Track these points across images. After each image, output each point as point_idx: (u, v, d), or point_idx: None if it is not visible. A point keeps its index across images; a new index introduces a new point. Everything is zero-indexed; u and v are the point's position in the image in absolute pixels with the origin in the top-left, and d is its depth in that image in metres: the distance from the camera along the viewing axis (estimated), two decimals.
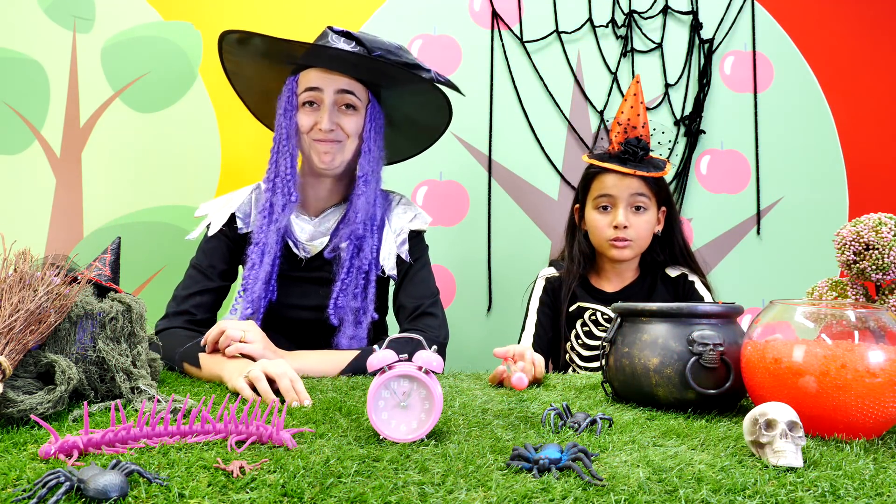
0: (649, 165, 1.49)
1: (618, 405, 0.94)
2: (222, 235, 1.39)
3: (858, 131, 2.17)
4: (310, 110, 1.34)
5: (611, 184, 1.49)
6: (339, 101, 1.33)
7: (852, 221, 1.00)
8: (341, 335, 1.31)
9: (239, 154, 1.90)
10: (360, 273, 1.34)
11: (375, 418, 0.70)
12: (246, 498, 0.52)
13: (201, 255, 1.38)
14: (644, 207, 1.49)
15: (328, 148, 1.33)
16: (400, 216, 1.42)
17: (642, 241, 1.51)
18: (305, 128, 1.34)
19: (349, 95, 1.33)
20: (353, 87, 1.34)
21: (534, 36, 2.05)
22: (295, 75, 1.35)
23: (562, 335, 1.53)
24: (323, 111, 1.32)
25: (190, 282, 1.35)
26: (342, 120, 1.34)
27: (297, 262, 1.38)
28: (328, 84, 1.32)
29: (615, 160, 1.49)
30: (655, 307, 0.92)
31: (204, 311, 1.34)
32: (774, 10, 2.16)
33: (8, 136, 1.80)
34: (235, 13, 1.92)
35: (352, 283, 1.33)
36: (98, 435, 0.64)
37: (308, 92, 1.33)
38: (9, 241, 0.88)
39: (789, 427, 0.65)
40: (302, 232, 1.38)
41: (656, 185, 1.50)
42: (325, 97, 1.32)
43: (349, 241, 1.35)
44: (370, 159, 1.36)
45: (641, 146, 1.48)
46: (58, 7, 1.83)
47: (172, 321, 1.29)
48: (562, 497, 0.54)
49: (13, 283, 0.80)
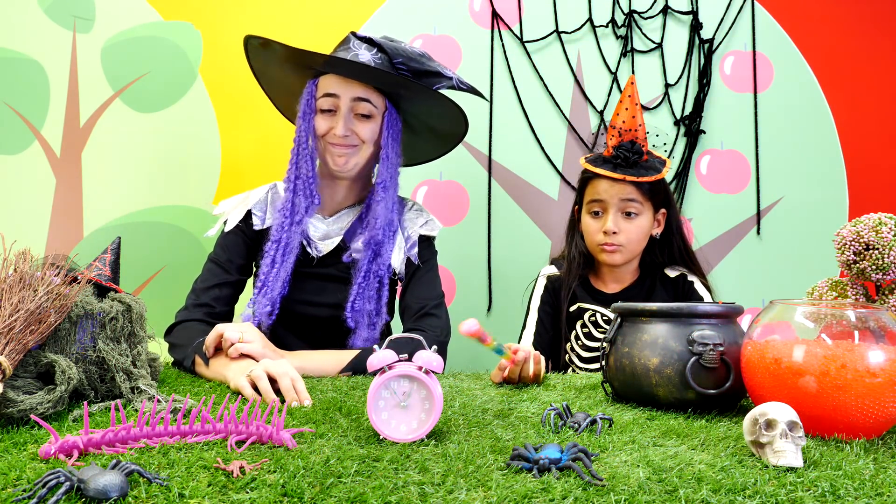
0: (642, 170, 1.46)
1: (618, 405, 0.94)
2: (239, 231, 1.41)
3: (858, 131, 2.17)
4: (327, 115, 1.37)
5: (602, 189, 1.48)
6: (355, 108, 1.36)
7: (852, 221, 1.00)
8: (356, 337, 1.33)
9: (239, 154, 1.90)
10: (375, 277, 1.37)
11: (375, 418, 0.70)
12: (246, 498, 0.52)
13: (219, 249, 1.40)
14: (635, 213, 1.47)
15: (342, 151, 1.37)
16: (412, 221, 1.46)
17: (633, 247, 1.50)
18: (322, 132, 1.37)
19: (365, 104, 1.36)
20: (369, 95, 1.37)
21: (534, 36, 2.05)
22: (315, 79, 1.38)
23: (562, 335, 1.53)
24: (339, 117, 1.35)
25: (209, 275, 1.37)
26: (357, 127, 1.37)
27: (308, 259, 1.40)
28: (345, 91, 1.35)
29: (608, 165, 1.48)
30: (655, 307, 0.92)
31: (223, 303, 1.36)
32: (774, 10, 2.16)
33: (8, 136, 1.80)
34: (235, 13, 1.92)
35: (368, 286, 1.36)
36: (98, 435, 0.64)
37: (325, 98, 1.36)
38: (9, 241, 0.88)
39: (789, 427, 0.65)
40: (315, 231, 1.41)
41: (650, 190, 1.48)
42: (342, 104, 1.36)
43: (367, 247, 1.38)
44: (388, 165, 1.39)
45: (635, 150, 1.46)
46: (58, 7, 1.83)
47: (192, 313, 1.32)
48: (562, 497, 0.54)
49: (13, 283, 0.80)
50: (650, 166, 1.48)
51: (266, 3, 1.93)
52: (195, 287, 1.36)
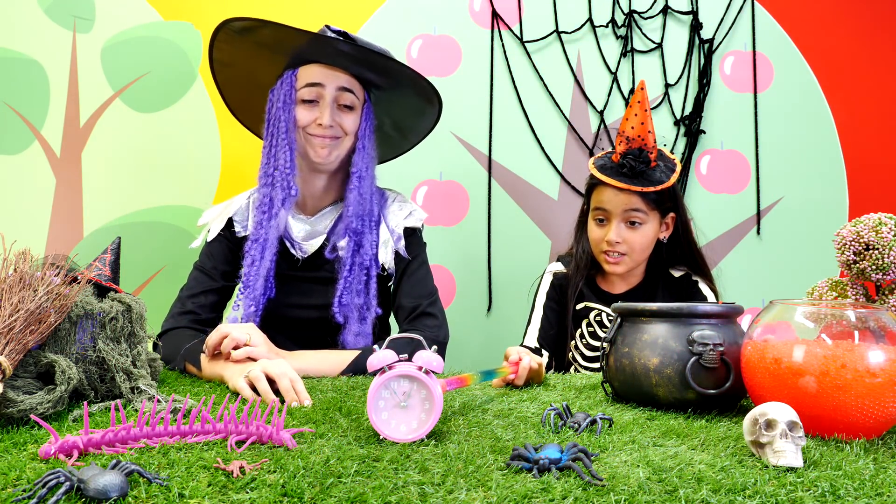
0: (647, 181, 1.43)
1: (618, 405, 0.94)
2: (223, 238, 1.40)
3: (858, 131, 2.17)
4: (309, 106, 1.35)
5: (607, 198, 1.46)
6: (339, 98, 1.35)
7: (852, 221, 1.00)
8: (347, 332, 1.32)
9: (239, 154, 1.90)
10: (361, 269, 1.35)
11: (375, 418, 0.70)
12: (246, 498, 0.52)
13: (204, 257, 1.40)
14: (640, 222, 1.46)
15: (325, 143, 1.35)
16: (395, 213, 1.43)
17: (637, 255, 1.49)
18: (304, 122, 1.35)
19: (349, 94, 1.35)
20: (352, 86, 1.36)
21: (534, 36, 2.05)
22: (293, 70, 1.35)
23: (567, 333, 1.53)
24: (324, 107, 1.33)
25: (194, 283, 1.36)
26: (341, 117, 1.35)
27: (294, 261, 1.38)
28: (330, 81, 1.33)
29: (614, 172, 1.45)
30: (655, 307, 0.92)
31: (208, 310, 1.35)
32: (774, 10, 2.16)
33: (8, 136, 1.80)
34: (235, 13, 1.90)
35: (354, 279, 1.34)
36: (98, 435, 0.64)
37: (308, 88, 1.34)
38: (9, 241, 0.88)
39: (789, 427, 0.65)
40: (298, 231, 1.39)
41: (656, 199, 1.45)
42: (327, 94, 1.33)
43: (348, 239, 1.36)
44: (363, 156, 1.38)
45: (642, 158, 1.43)
46: (58, 7, 1.83)
47: (178, 321, 1.30)
48: (562, 497, 0.54)
49: (13, 283, 0.80)
50: (657, 175, 1.45)
51: (266, 2, 1.93)
52: (181, 295, 1.35)
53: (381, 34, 1.98)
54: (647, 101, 1.44)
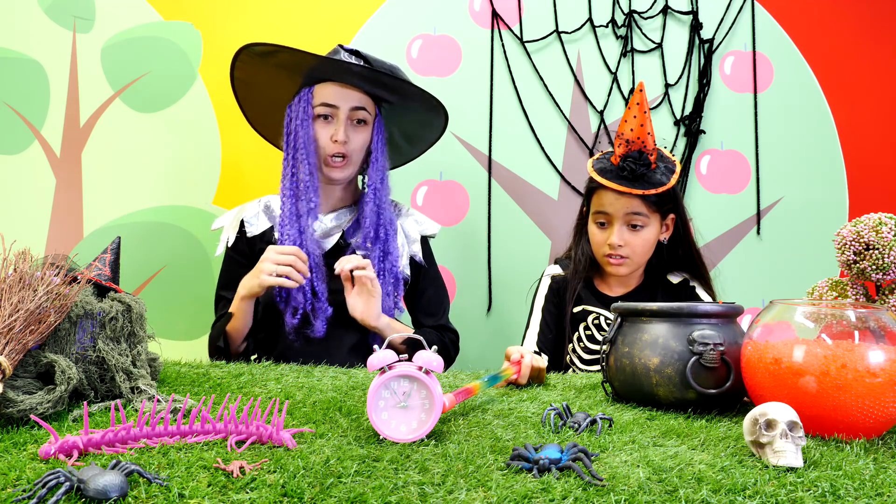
0: (648, 183, 1.42)
1: (618, 405, 0.94)
2: (235, 252, 1.49)
3: (858, 131, 2.17)
4: (324, 123, 1.44)
5: (608, 202, 1.45)
6: (353, 116, 1.45)
7: (852, 221, 1.00)
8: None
9: (239, 154, 1.90)
10: (391, 275, 1.46)
11: (375, 418, 0.70)
12: (246, 498, 0.52)
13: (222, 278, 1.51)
14: (641, 225, 1.45)
15: (338, 163, 1.45)
16: (412, 224, 1.55)
17: (638, 258, 1.48)
18: (320, 140, 1.44)
19: (361, 111, 1.45)
20: (365, 103, 1.45)
21: (534, 36, 2.05)
22: (310, 87, 1.44)
23: (565, 335, 1.52)
24: (338, 125, 1.43)
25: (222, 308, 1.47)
26: (353, 135, 1.45)
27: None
28: (344, 101, 1.43)
29: (614, 175, 1.44)
30: (656, 307, 0.92)
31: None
32: (774, 10, 2.16)
33: (8, 136, 1.80)
34: (236, 13, 1.92)
35: (384, 284, 1.44)
36: (98, 435, 0.64)
37: (323, 107, 1.43)
38: (9, 241, 0.88)
39: (789, 427, 0.65)
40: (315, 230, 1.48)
41: (657, 202, 1.45)
42: (341, 113, 1.43)
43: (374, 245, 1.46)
44: (377, 168, 1.48)
45: (642, 160, 1.42)
46: (58, 7, 1.83)
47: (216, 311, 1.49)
48: (562, 497, 0.54)
49: (13, 283, 0.80)
50: (658, 177, 1.44)
51: (266, 3, 1.93)
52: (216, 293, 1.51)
53: (380, 34, 1.98)
54: (645, 102, 1.42)
